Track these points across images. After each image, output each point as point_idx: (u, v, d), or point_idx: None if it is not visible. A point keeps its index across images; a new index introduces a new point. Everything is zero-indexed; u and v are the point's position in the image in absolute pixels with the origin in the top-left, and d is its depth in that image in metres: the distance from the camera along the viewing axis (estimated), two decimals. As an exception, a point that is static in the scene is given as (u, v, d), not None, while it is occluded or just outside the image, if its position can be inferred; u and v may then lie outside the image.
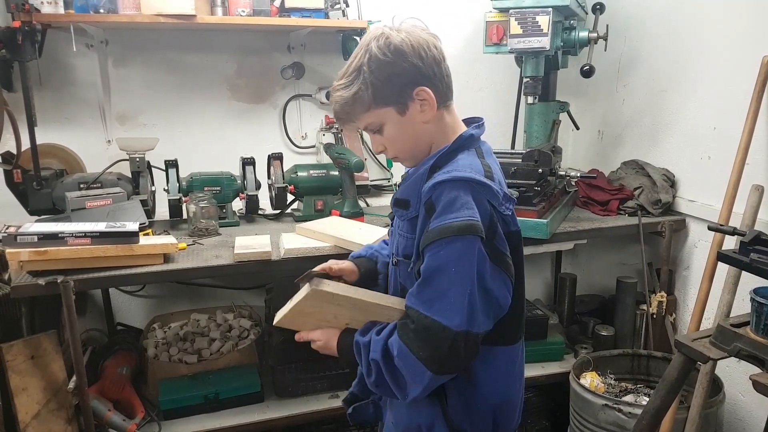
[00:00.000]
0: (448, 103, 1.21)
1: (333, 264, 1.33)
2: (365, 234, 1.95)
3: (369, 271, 1.39)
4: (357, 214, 2.19)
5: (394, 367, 1.10)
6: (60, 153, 2.27)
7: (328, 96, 2.52)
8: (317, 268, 1.28)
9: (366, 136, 2.54)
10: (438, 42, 1.17)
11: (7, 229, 1.74)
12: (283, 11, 2.24)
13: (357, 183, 2.29)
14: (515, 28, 2.06)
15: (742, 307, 1.94)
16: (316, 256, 1.90)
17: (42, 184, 2.09)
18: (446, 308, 1.04)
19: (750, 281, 1.88)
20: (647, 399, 2.18)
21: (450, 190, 1.08)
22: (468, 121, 1.27)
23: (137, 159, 2.19)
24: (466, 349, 1.07)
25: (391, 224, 1.34)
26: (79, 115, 2.36)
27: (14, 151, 2.06)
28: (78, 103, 2.35)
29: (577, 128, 2.55)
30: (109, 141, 2.40)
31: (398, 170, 2.60)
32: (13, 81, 2.15)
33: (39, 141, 2.06)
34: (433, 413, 1.22)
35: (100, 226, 1.79)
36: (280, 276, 2.34)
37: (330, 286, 1.17)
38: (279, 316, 1.27)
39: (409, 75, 1.12)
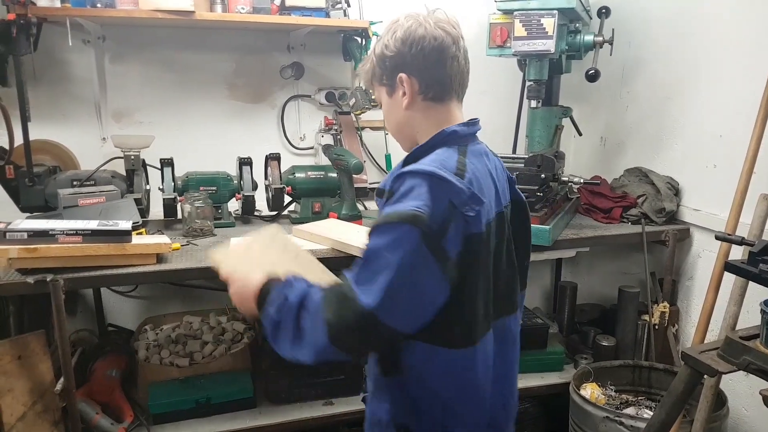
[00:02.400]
0: (444, 99, 1.21)
1: None
2: (363, 237, 1.90)
3: None
4: (355, 217, 2.14)
5: (301, 315, 1.08)
6: (53, 149, 2.23)
7: (327, 97, 2.49)
8: None
9: (366, 138, 2.51)
10: (445, 39, 1.17)
11: (-4, 225, 1.70)
12: (284, 9, 2.20)
13: (356, 185, 2.25)
14: (519, 30, 2.03)
15: (748, 318, 1.90)
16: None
17: (34, 181, 2.05)
18: (367, 288, 1.03)
19: (756, 292, 1.85)
20: (648, 411, 2.14)
21: (409, 180, 1.08)
22: (467, 123, 1.25)
23: (132, 157, 2.15)
24: (368, 333, 1.05)
25: None
26: (74, 111, 2.32)
27: (6, 147, 2.02)
28: (73, 99, 2.31)
29: (580, 134, 2.51)
30: (104, 138, 2.36)
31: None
32: (8, 76, 2.12)
33: (32, 137, 2.02)
34: (383, 408, 1.23)
35: (92, 224, 1.75)
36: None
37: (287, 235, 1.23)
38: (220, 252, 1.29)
39: (396, 60, 1.19)
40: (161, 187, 2.19)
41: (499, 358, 1.25)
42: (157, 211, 2.25)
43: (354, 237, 1.90)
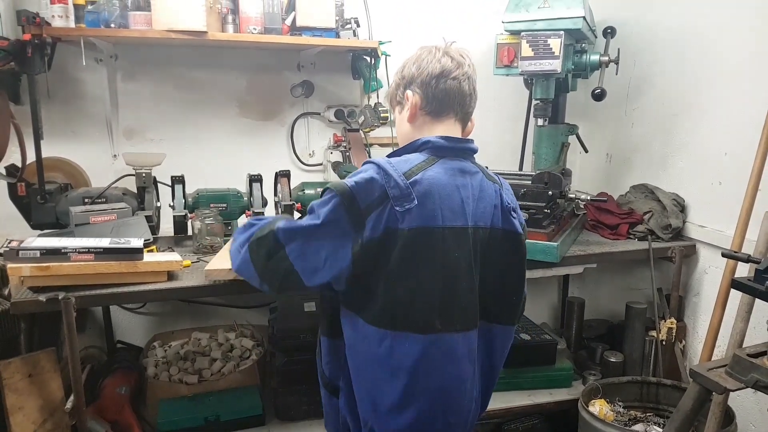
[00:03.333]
0: (442, 115, 1.35)
1: None
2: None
3: None
4: (364, 234, 2.15)
5: (246, 230, 1.37)
6: (65, 167, 2.25)
7: (336, 114, 2.51)
8: None
9: (374, 154, 2.53)
10: (451, 63, 1.32)
11: (9, 243, 1.71)
12: (294, 30, 2.23)
13: (364, 202, 2.26)
14: (526, 50, 2.06)
15: (755, 335, 1.91)
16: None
17: (46, 198, 2.07)
18: (288, 222, 1.29)
19: (763, 309, 1.86)
20: (657, 428, 2.14)
21: (364, 165, 1.28)
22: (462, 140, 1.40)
23: (143, 174, 2.17)
24: (274, 254, 1.27)
25: None
26: (85, 128, 2.35)
27: (19, 164, 2.04)
28: (85, 117, 2.34)
29: (586, 151, 2.53)
30: (114, 155, 2.38)
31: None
32: (21, 94, 2.15)
33: (44, 154, 2.04)
34: (322, 366, 1.48)
35: (104, 242, 1.76)
36: (283, 295, 2.32)
37: None
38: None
39: (405, 81, 1.37)
40: (171, 203, 2.21)
41: (436, 368, 1.30)
42: (166, 228, 2.27)
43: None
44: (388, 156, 1.32)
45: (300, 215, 2.33)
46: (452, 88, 1.32)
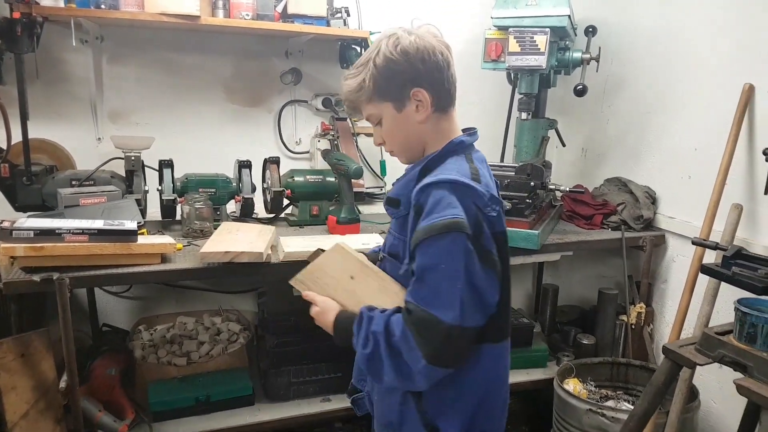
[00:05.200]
0: (448, 109, 1.25)
1: None
2: (360, 239, 1.99)
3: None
4: (354, 220, 2.21)
5: (393, 345, 1.14)
6: (50, 149, 2.22)
7: (324, 102, 2.55)
8: None
9: (361, 143, 2.58)
10: (446, 50, 1.22)
11: (1, 223, 1.70)
12: (286, 17, 2.26)
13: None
14: (514, 46, 2.14)
15: (719, 318, 2.04)
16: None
17: (32, 180, 2.05)
18: (439, 304, 1.10)
19: (727, 294, 2.00)
20: (627, 405, 2.28)
21: (435, 191, 1.13)
22: (464, 130, 1.32)
23: (132, 158, 2.16)
24: (459, 343, 1.12)
25: None
26: (69, 111, 2.32)
27: (3, 146, 2.01)
28: (69, 99, 2.31)
29: (564, 145, 2.64)
30: (99, 138, 2.37)
31: (391, 179, 2.63)
32: (4, 74, 2.10)
33: (29, 135, 2.01)
34: (403, 410, 1.26)
35: (98, 224, 1.76)
36: (274, 279, 2.35)
37: (353, 251, 1.29)
38: (298, 273, 1.34)
39: (408, 75, 1.19)
40: (159, 188, 2.20)
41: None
42: (153, 212, 2.26)
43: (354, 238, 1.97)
44: (425, 167, 1.22)
45: (289, 201, 2.37)
46: (453, 79, 1.24)
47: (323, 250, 1.34)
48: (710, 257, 2.04)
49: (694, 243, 1.84)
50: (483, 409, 1.27)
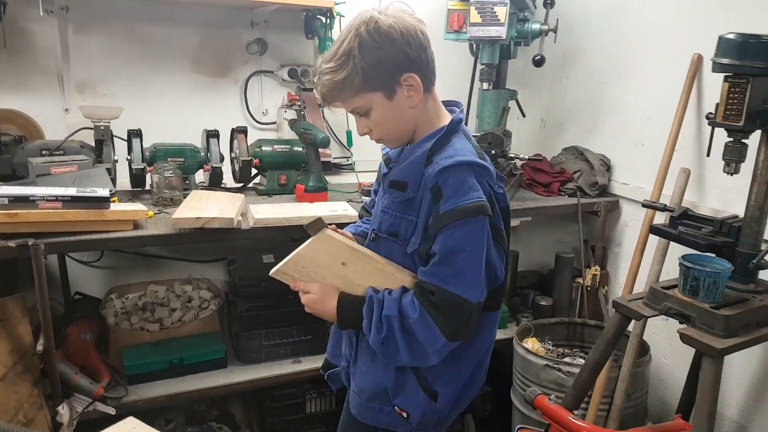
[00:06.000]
0: (432, 87, 1.24)
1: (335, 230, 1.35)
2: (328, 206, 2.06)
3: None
4: (321, 189, 2.27)
5: (409, 327, 1.18)
6: (18, 119, 2.22)
7: (290, 73, 2.58)
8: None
9: (327, 113, 2.63)
10: (424, 27, 1.20)
11: (-27, 191, 1.72)
12: (252, -13, 2.27)
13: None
14: (475, 17, 2.21)
15: (668, 276, 2.18)
16: (285, 226, 1.98)
17: (1, 150, 2.05)
18: (465, 284, 1.15)
19: (676, 254, 2.13)
20: (581, 361, 2.41)
21: (456, 174, 1.14)
22: (445, 104, 1.32)
23: (102, 127, 2.17)
24: (476, 318, 1.19)
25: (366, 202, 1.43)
26: (36, 81, 2.31)
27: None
28: (35, 70, 2.30)
29: (524, 115, 2.73)
30: (66, 109, 2.36)
31: (357, 149, 2.69)
32: (-33, 44, 2.10)
33: (-4, 106, 2.02)
34: (400, 376, 1.29)
35: (71, 191, 1.80)
36: (245, 245, 2.41)
37: (340, 236, 1.26)
38: (279, 264, 1.27)
39: (397, 61, 1.15)
40: (128, 157, 2.22)
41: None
42: (122, 182, 2.29)
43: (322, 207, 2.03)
44: (432, 147, 1.19)
45: (257, 171, 2.42)
46: (432, 56, 1.22)
47: (322, 220, 1.24)
48: (660, 219, 2.16)
49: (644, 205, 1.97)
50: (474, 374, 1.35)
